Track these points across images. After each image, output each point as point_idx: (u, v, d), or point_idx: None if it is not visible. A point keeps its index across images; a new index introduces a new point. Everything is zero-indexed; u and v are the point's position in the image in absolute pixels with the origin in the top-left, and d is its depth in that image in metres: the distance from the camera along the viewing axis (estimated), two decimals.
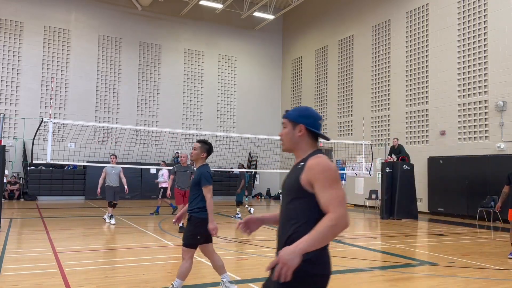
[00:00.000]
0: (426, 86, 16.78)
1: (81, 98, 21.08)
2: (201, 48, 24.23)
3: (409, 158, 14.85)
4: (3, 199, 11.30)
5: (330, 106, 22.04)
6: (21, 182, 19.38)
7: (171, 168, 11.81)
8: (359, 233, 11.35)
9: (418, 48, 17.20)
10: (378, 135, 18.92)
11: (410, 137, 17.28)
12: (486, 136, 14.55)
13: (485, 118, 14.55)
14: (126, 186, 11.81)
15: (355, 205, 19.51)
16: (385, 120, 18.71)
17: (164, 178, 14.43)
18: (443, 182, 15.30)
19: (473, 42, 15.10)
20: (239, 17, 24.03)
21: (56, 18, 20.97)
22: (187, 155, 10.57)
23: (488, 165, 13.97)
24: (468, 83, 15.18)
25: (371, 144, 15.73)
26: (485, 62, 14.69)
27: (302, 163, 2.30)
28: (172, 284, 4.74)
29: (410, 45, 17.58)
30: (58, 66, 20.90)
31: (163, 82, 23.16)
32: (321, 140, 2.48)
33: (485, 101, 14.61)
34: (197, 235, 4.72)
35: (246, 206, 15.46)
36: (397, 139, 14.95)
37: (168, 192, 11.95)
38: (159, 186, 14.63)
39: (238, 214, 13.48)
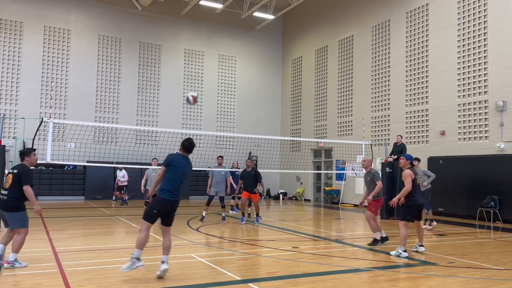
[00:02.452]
0: (426, 86, 16.78)
1: (81, 98, 21.08)
2: (201, 48, 24.24)
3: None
4: None
5: (330, 106, 22.04)
6: None
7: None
8: (359, 233, 11.35)
9: (418, 48, 17.21)
10: (378, 135, 18.93)
11: (410, 137, 17.29)
12: (486, 136, 14.55)
13: (485, 118, 14.55)
14: None
15: (355, 205, 19.50)
16: (385, 120, 18.71)
17: (125, 178, 17.78)
18: (443, 182, 15.26)
19: (473, 42, 15.10)
20: (239, 17, 24.03)
21: (56, 18, 20.97)
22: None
23: (488, 165, 13.97)
24: (468, 83, 15.18)
25: (371, 144, 15.73)
26: (485, 62, 14.69)
27: None
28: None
29: (410, 45, 17.59)
30: (58, 66, 20.90)
31: (163, 82, 23.16)
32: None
33: (485, 101, 14.61)
34: (153, 209, 5.75)
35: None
36: (401, 136, 14.96)
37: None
38: (121, 185, 17.71)
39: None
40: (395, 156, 14.71)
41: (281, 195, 23.87)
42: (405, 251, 7.56)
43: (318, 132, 22.78)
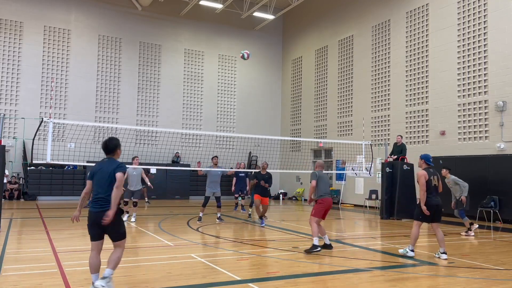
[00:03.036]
0: (426, 86, 16.78)
1: (81, 98, 21.08)
2: (201, 48, 24.23)
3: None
4: (3, 199, 11.31)
5: (330, 106, 22.04)
6: (21, 182, 19.37)
7: None
8: (359, 233, 11.35)
9: (418, 48, 17.21)
10: (378, 135, 18.92)
11: (410, 137, 17.28)
12: (486, 136, 14.55)
13: (485, 118, 14.55)
14: (149, 183, 13.06)
15: (355, 205, 19.51)
16: (385, 120, 18.71)
17: None
18: (443, 182, 15.26)
19: (473, 42, 15.10)
20: (239, 17, 24.03)
21: (56, 18, 20.97)
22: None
23: (488, 165, 13.97)
24: (468, 83, 15.18)
25: (371, 144, 15.72)
26: (485, 62, 14.69)
27: None
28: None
29: (410, 45, 17.58)
30: (58, 66, 20.90)
31: (163, 82, 23.16)
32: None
33: (485, 101, 14.61)
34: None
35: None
36: (401, 136, 14.98)
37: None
38: None
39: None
40: (395, 156, 14.72)
41: (281, 195, 23.87)
42: (412, 250, 7.55)
43: (318, 132, 22.78)
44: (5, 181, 15.52)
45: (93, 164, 5.65)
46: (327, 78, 22.44)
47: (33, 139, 10.24)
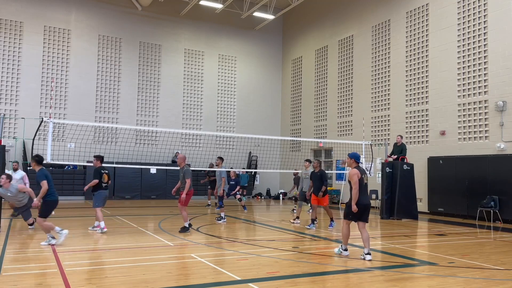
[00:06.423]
0: (426, 86, 16.78)
1: (81, 98, 21.08)
2: (201, 48, 24.23)
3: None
4: (3, 199, 11.28)
5: (330, 106, 22.04)
6: None
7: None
8: (359, 233, 11.31)
9: (418, 48, 17.21)
10: (378, 135, 18.92)
11: (410, 137, 17.28)
12: (486, 136, 14.55)
13: (485, 118, 14.55)
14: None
15: None
16: (385, 120, 18.71)
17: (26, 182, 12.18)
18: (443, 182, 15.29)
19: (473, 42, 15.10)
20: (239, 17, 24.03)
21: (56, 18, 20.97)
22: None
23: (488, 165, 13.97)
24: (468, 83, 15.18)
25: (371, 144, 15.72)
26: (485, 62, 14.69)
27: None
28: None
29: (410, 45, 17.58)
30: (58, 66, 20.89)
31: (163, 82, 23.16)
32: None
33: (485, 101, 14.61)
34: None
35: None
36: (401, 137, 14.98)
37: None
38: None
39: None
40: (395, 156, 14.73)
41: (281, 195, 23.86)
42: (345, 250, 7.58)
43: (318, 132, 22.78)
44: None
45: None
46: (327, 78, 22.44)
47: (33, 139, 10.24)
